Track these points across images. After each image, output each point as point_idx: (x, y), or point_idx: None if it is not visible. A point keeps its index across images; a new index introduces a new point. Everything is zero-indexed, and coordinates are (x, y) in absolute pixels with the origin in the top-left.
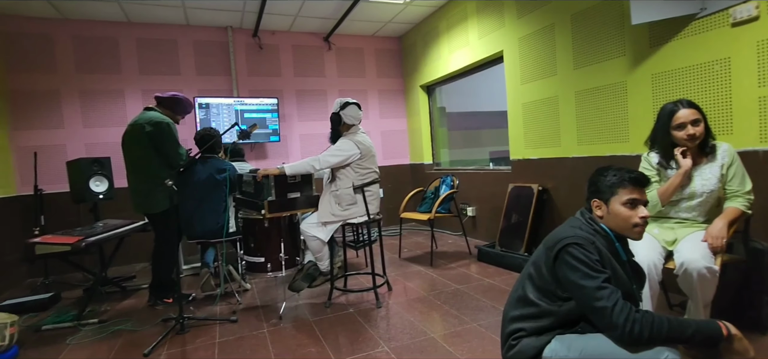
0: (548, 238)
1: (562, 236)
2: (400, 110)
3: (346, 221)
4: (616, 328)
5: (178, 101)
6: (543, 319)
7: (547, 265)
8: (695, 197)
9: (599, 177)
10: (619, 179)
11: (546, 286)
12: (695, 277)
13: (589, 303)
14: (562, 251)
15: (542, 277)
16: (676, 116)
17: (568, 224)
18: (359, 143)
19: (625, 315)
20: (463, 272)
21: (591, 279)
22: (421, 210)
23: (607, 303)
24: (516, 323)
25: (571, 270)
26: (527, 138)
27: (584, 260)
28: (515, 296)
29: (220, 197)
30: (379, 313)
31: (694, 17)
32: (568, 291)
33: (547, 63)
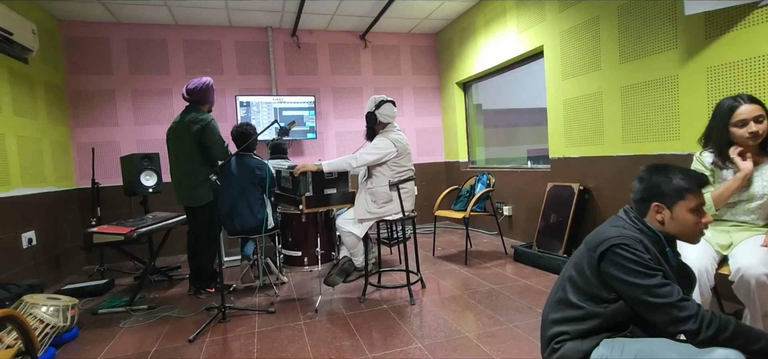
0: (590, 238)
1: (607, 236)
2: (435, 108)
3: (381, 218)
4: (685, 322)
5: (206, 88)
6: (588, 321)
7: (590, 266)
8: (755, 200)
9: (663, 178)
10: (689, 183)
11: (590, 288)
12: (753, 284)
13: (649, 300)
14: (609, 252)
15: (585, 279)
16: (737, 112)
17: (610, 223)
18: (396, 141)
19: (694, 310)
20: (498, 272)
21: (649, 277)
22: (455, 208)
23: (669, 299)
24: (558, 326)
25: (623, 269)
26: (568, 136)
27: (637, 259)
28: (555, 298)
29: (257, 194)
30: (413, 310)
31: (756, 6)
32: (619, 292)
33: (591, 57)
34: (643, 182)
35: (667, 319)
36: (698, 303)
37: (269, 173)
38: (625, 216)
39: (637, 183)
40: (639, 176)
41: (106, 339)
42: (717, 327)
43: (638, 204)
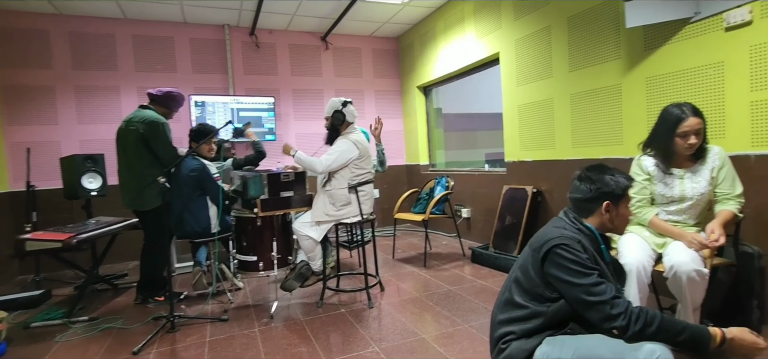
0: (534, 240)
1: (549, 237)
2: (396, 111)
3: (339, 221)
4: (615, 319)
5: (173, 98)
6: (532, 321)
7: (534, 267)
8: (686, 200)
9: (611, 178)
10: (628, 181)
11: (534, 288)
12: (684, 280)
13: (585, 299)
14: (551, 253)
15: (530, 279)
16: (683, 124)
17: (552, 224)
18: (357, 142)
19: (623, 307)
20: (456, 273)
21: (585, 276)
22: (415, 211)
23: (603, 297)
24: (505, 326)
25: (563, 269)
26: (522, 140)
27: (575, 259)
28: (502, 299)
29: (198, 197)
30: (371, 313)
31: (689, 21)
32: (559, 291)
33: (543, 65)
34: (593, 182)
35: (600, 316)
36: (629, 300)
37: (207, 176)
38: (565, 217)
39: (585, 184)
40: (584, 177)
41: (39, 354)
42: (643, 322)
43: (584, 204)
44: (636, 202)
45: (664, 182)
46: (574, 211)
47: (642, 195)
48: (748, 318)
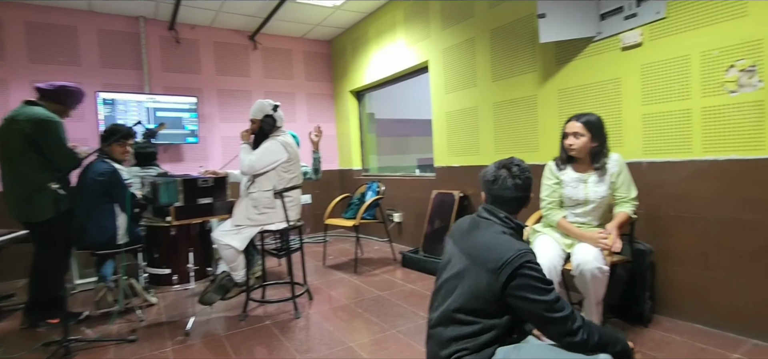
0: (482, 257)
1: (507, 257)
2: (329, 115)
3: (263, 227)
4: (574, 334)
5: (69, 93)
6: (485, 335)
7: (492, 289)
8: (589, 203)
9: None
10: None
11: (489, 306)
12: (589, 277)
13: (547, 316)
14: (516, 275)
15: (484, 299)
16: (566, 126)
17: (493, 231)
18: (287, 145)
19: (579, 321)
20: (387, 278)
21: (546, 292)
22: (346, 216)
23: (564, 313)
24: (455, 344)
25: (528, 289)
26: (450, 146)
27: (540, 276)
28: (447, 314)
29: (105, 204)
30: (298, 324)
31: (592, 40)
32: (519, 308)
33: (469, 74)
34: (519, 176)
35: (561, 331)
36: None
37: (116, 181)
38: (495, 218)
39: (515, 180)
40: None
41: None
42: (598, 338)
43: (516, 201)
44: (546, 204)
45: (572, 186)
46: (502, 208)
47: (552, 198)
48: (642, 309)
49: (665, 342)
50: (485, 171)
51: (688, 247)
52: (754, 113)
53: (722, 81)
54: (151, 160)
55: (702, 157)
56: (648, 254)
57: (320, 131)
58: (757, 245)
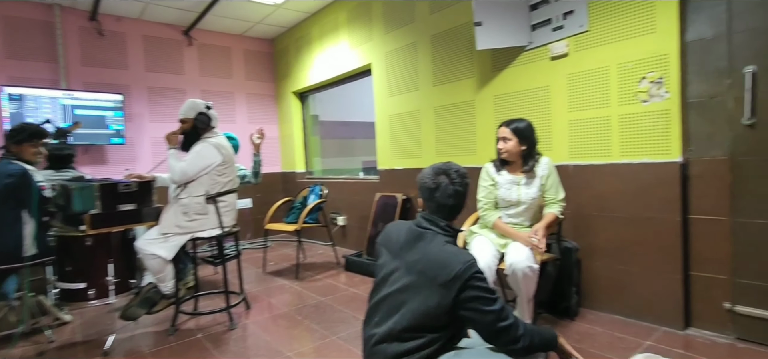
0: (433, 272)
1: (458, 270)
2: (271, 116)
3: (194, 234)
4: (518, 341)
5: None
6: (433, 345)
7: (444, 302)
8: (521, 204)
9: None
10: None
11: (436, 321)
12: (520, 276)
13: (495, 325)
14: (466, 287)
15: (432, 315)
16: (498, 131)
17: (438, 242)
18: (221, 147)
19: (522, 328)
20: (329, 283)
21: (494, 302)
22: (288, 221)
23: (509, 321)
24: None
25: (479, 300)
26: (393, 149)
27: (485, 286)
28: (393, 333)
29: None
30: (233, 335)
31: (524, 49)
32: (469, 320)
33: (411, 78)
34: (460, 184)
35: (507, 339)
36: None
37: (25, 184)
38: (437, 227)
39: (455, 187)
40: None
41: None
42: (540, 337)
43: (456, 210)
44: (483, 205)
45: (506, 188)
46: (442, 216)
47: (488, 199)
48: (569, 303)
49: (589, 334)
50: (422, 177)
51: (608, 244)
52: (662, 120)
53: (636, 91)
54: (67, 162)
55: (619, 160)
56: (574, 252)
57: (263, 133)
58: (665, 242)
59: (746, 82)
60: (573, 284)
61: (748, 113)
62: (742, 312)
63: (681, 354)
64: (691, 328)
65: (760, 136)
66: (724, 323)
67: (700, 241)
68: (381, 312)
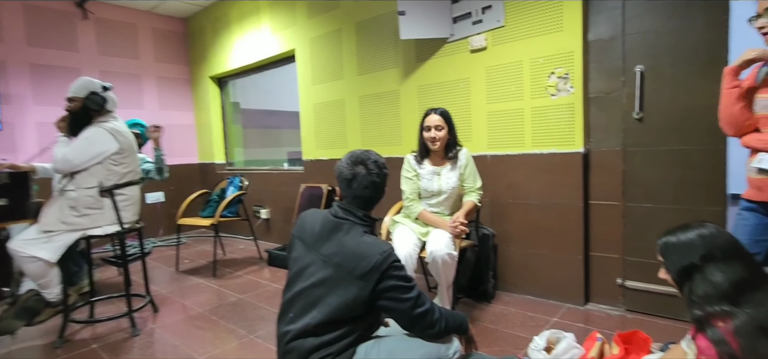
0: (352, 264)
1: (376, 261)
2: (186, 103)
3: (86, 232)
4: (434, 326)
5: None
6: (349, 337)
7: (361, 294)
8: (442, 194)
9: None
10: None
11: (354, 312)
12: (440, 263)
13: (412, 312)
14: (384, 277)
15: (350, 306)
16: (426, 120)
17: (356, 233)
18: (117, 132)
19: (437, 313)
20: (250, 279)
21: (410, 289)
22: (203, 215)
23: (426, 306)
24: (319, 352)
25: (395, 289)
26: (318, 138)
27: (402, 274)
28: (311, 324)
29: None
30: (136, 342)
31: (446, 41)
32: (387, 309)
33: (335, 66)
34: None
35: (423, 324)
36: None
37: None
38: (355, 218)
39: (373, 177)
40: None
41: None
42: (453, 325)
43: (373, 201)
44: (407, 196)
45: (428, 178)
46: (360, 206)
47: (412, 190)
48: (486, 287)
49: (504, 315)
50: (339, 167)
51: (521, 230)
52: (567, 113)
53: (546, 85)
54: None
55: (531, 151)
56: (491, 238)
57: (157, 127)
58: (569, 226)
59: (636, 80)
60: (490, 268)
61: (638, 108)
62: (631, 286)
63: (581, 327)
64: (591, 303)
65: (646, 129)
66: (616, 297)
67: (598, 224)
68: (296, 307)
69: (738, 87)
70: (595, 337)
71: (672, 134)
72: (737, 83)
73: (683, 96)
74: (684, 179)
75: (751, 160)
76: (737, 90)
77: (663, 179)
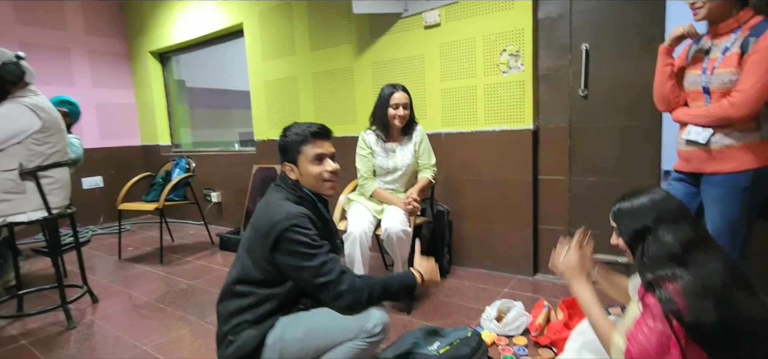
0: (258, 221)
1: (276, 220)
2: (124, 80)
3: (6, 218)
4: (342, 298)
5: None
6: (265, 305)
7: (263, 254)
8: (398, 171)
9: (283, 136)
10: (302, 135)
11: (266, 275)
12: (395, 239)
13: (314, 281)
14: (281, 239)
15: (260, 267)
16: (394, 96)
17: (275, 197)
18: (39, 108)
19: (348, 283)
20: (201, 265)
21: (312, 257)
22: (148, 199)
23: (330, 276)
24: (236, 317)
25: (291, 255)
26: (270, 118)
27: (304, 240)
28: (228, 288)
29: None
30: (72, 336)
31: (400, 16)
32: (291, 276)
33: (287, 42)
34: (285, 135)
35: (329, 296)
36: (353, 272)
37: None
38: (284, 184)
39: (285, 140)
40: (283, 136)
41: None
42: (368, 294)
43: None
44: (362, 174)
45: (383, 155)
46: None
47: (367, 168)
48: (442, 263)
49: (458, 288)
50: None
51: (475, 205)
52: (518, 91)
53: (498, 62)
54: None
55: (484, 128)
56: (446, 215)
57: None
58: (518, 201)
59: (582, 58)
60: (445, 244)
61: (583, 86)
62: None
63: (530, 296)
64: (539, 274)
65: (591, 106)
66: None
67: (546, 198)
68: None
69: (670, 65)
70: (542, 305)
71: (613, 110)
72: (670, 61)
73: (624, 74)
74: (623, 153)
75: (681, 133)
76: (669, 68)
77: (604, 154)
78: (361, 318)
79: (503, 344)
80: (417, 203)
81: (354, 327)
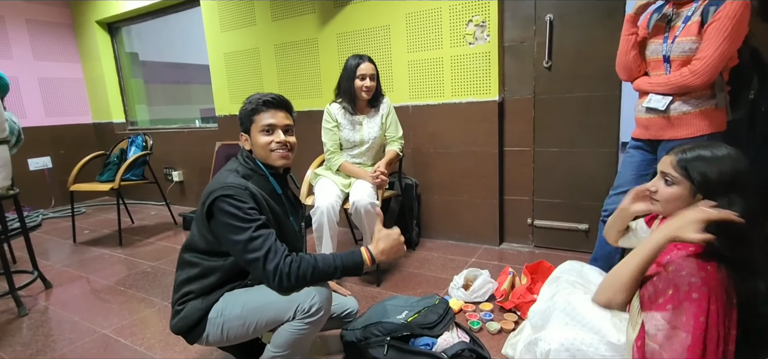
0: (204, 190)
1: (212, 189)
2: (69, 53)
3: None
4: (268, 278)
5: None
6: (209, 277)
7: (202, 222)
8: (365, 144)
9: (241, 108)
10: (254, 103)
11: (208, 245)
12: (363, 213)
13: (243, 256)
14: (213, 207)
15: (202, 236)
16: (360, 68)
17: (225, 168)
18: None
19: (275, 263)
20: (164, 245)
21: (242, 231)
22: (102, 179)
23: (258, 253)
24: (184, 287)
25: (223, 225)
26: (232, 92)
27: (234, 213)
28: (182, 256)
29: None
30: (24, 323)
31: None
32: (228, 249)
33: (246, 11)
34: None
35: (257, 273)
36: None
37: None
38: (240, 157)
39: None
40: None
41: None
42: (297, 276)
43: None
44: (328, 148)
45: (350, 128)
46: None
47: (333, 141)
48: (410, 235)
49: (427, 260)
50: None
51: (442, 178)
52: (484, 62)
53: (464, 34)
54: None
55: (450, 100)
56: (414, 188)
57: None
58: (483, 172)
59: (547, 29)
60: (414, 217)
61: (547, 57)
62: (539, 224)
63: (496, 264)
64: (505, 243)
65: (554, 77)
66: (526, 235)
67: (511, 169)
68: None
69: (634, 34)
70: (507, 271)
71: (575, 81)
72: (634, 30)
73: (586, 45)
74: (584, 123)
75: (641, 101)
76: (633, 38)
77: (567, 125)
78: (296, 298)
79: (470, 310)
80: (385, 177)
81: (290, 307)
